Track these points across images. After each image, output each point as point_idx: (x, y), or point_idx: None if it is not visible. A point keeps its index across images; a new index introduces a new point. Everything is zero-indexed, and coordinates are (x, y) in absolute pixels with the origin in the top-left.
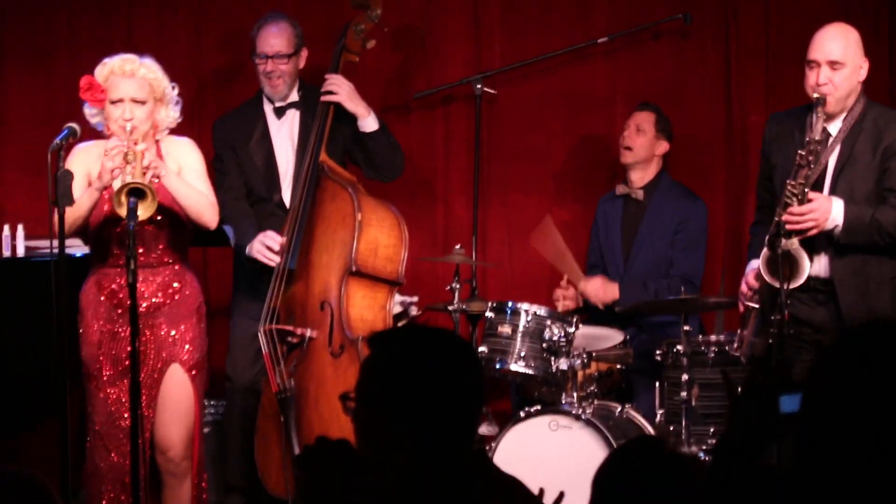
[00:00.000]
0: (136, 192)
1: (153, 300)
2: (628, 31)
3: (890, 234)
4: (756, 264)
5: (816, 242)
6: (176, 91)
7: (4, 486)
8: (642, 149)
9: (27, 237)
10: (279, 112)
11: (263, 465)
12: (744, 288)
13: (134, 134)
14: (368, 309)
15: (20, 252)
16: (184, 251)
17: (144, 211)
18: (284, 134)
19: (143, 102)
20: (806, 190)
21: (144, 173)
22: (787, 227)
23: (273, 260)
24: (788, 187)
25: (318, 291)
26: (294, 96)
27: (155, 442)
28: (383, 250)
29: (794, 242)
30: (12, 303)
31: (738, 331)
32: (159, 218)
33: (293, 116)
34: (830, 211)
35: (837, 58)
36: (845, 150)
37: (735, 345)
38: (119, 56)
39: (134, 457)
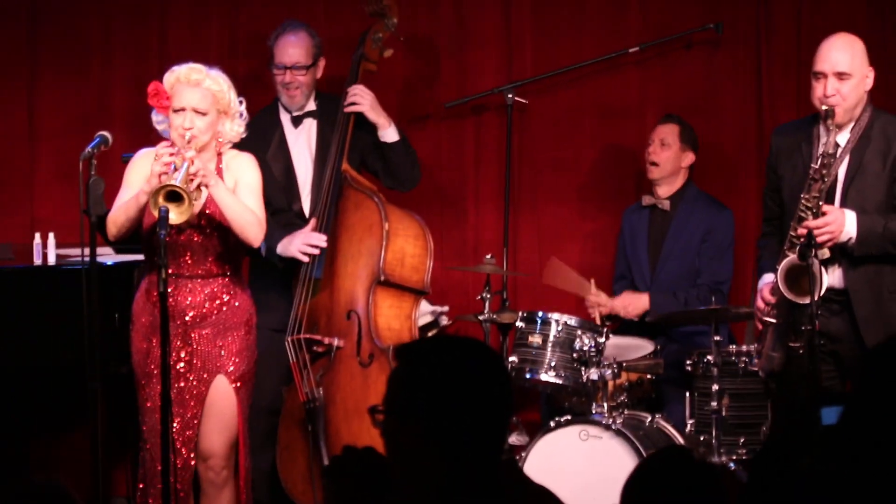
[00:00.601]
0: (173, 196)
1: (201, 310)
2: (660, 40)
3: None
4: (769, 278)
5: (830, 254)
6: (243, 106)
7: (31, 495)
8: (668, 163)
9: (58, 245)
10: (296, 121)
11: (288, 476)
12: (760, 304)
13: (192, 143)
14: (395, 318)
15: (51, 260)
16: (235, 263)
17: (179, 215)
18: (302, 143)
19: (204, 113)
20: (820, 203)
21: (191, 181)
22: (802, 240)
23: (315, 252)
24: (803, 201)
25: (343, 301)
26: (311, 105)
27: (198, 450)
28: (410, 260)
29: (826, 252)
30: (44, 311)
31: (755, 345)
32: (208, 230)
33: (310, 126)
34: (844, 223)
35: (845, 69)
36: (854, 161)
37: (754, 359)
38: (187, 65)
39: (165, 464)
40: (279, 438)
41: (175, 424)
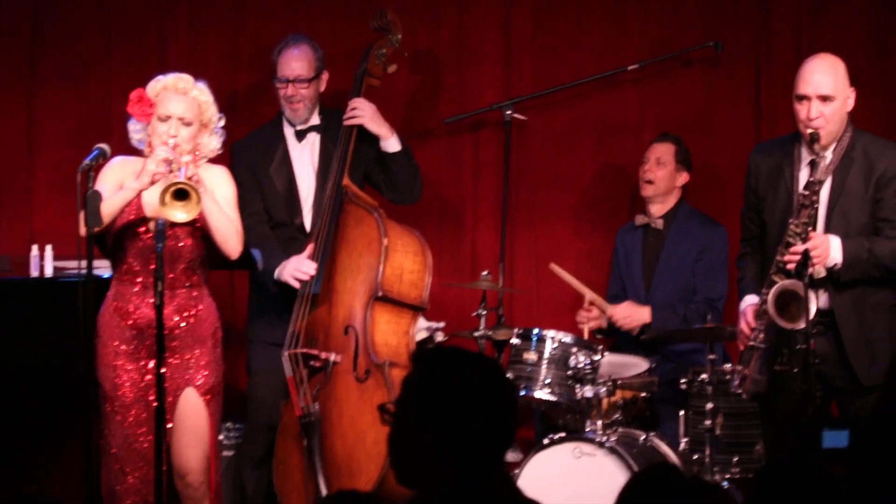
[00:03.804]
0: (180, 194)
1: (169, 322)
2: (659, 58)
3: (887, 267)
4: (752, 300)
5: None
6: (222, 122)
7: None
8: (663, 181)
9: (56, 257)
10: (300, 135)
11: (284, 490)
12: (744, 328)
13: (176, 151)
14: (393, 334)
15: (48, 272)
16: (204, 274)
17: (188, 213)
18: (305, 157)
19: (189, 123)
20: (809, 229)
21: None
22: (788, 266)
23: (306, 279)
24: (791, 227)
25: (342, 316)
26: (315, 119)
27: (173, 467)
28: (408, 276)
29: (822, 272)
30: (40, 323)
31: (739, 367)
32: (181, 240)
33: (314, 140)
34: (830, 249)
35: (828, 92)
36: (837, 183)
37: (736, 382)
38: (174, 74)
39: (158, 480)
40: (276, 452)
41: (144, 439)
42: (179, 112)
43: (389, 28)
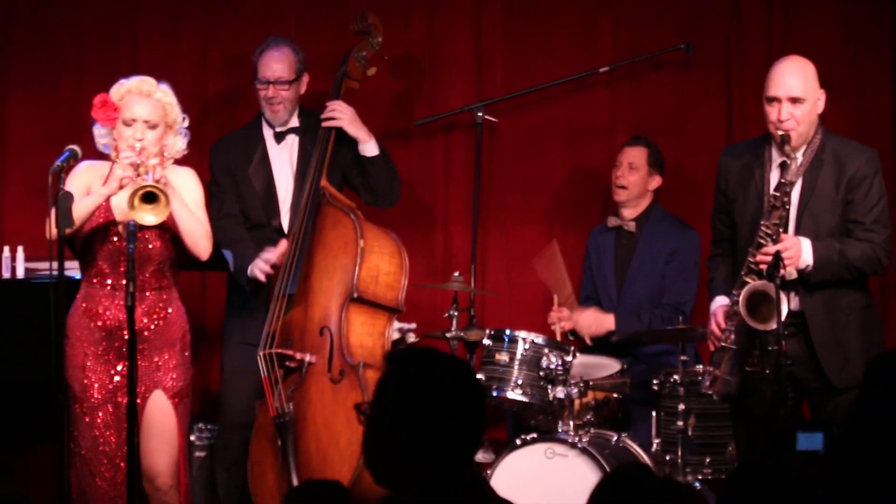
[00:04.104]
0: (148, 197)
1: (139, 325)
2: (630, 60)
3: (858, 269)
4: (722, 301)
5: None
6: (186, 123)
7: None
8: (636, 186)
9: (27, 259)
10: (279, 137)
11: (258, 491)
12: (715, 329)
13: (142, 154)
14: (368, 336)
15: (20, 274)
16: (174, 277)
17: (157, 216)
18: (284, 159)
19: (154, 126)
20: (780, 230)
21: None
22: (760, 267)
23: (269, 272)
24: (763, 228)
25: (317, 317)
26: (294, 121)
27: (142, 470)
28: (384, 277)
29: (793, 273)
30: (11, 324)
31: (709, 368)
32: (150, 242)
33: (293, 142)
34: (801, 251)
35: (798, 94)
36: (808, 185)
37: (707, 382)
38: (137, 77)
39: (131, 484)
40: (250, 453)
41: (112, 441)
42: (144, 115)
43: (370, 31)
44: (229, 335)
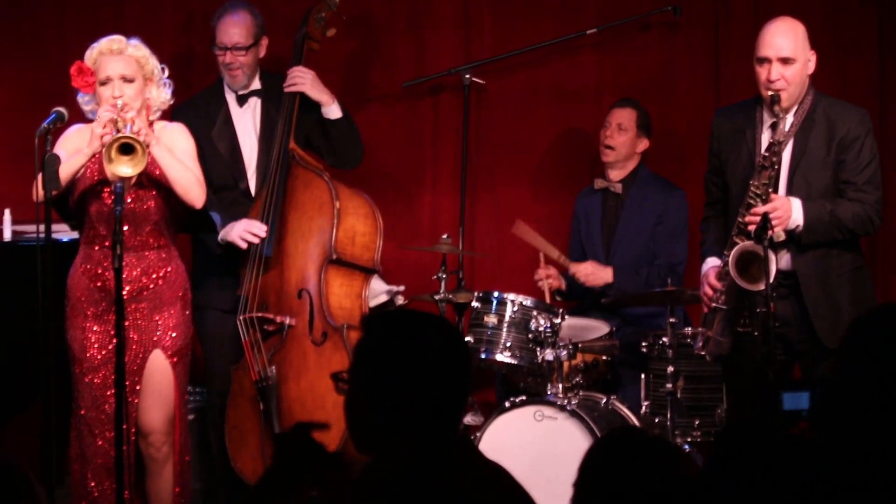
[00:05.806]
0: (126, 149)
1: (137, 285)
2: (617, 22)
3: (849, 230)
4: (714, 262)
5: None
6: (166, 73)
7: None
8: (624, 147)
9: (14, 222)
10: (241, 100)
11: (237, 456)
12: (708, 290)
13: (125, 110)
14: (346, 297)
15: (7, 236)
16: (172, 236)
17: (134, 167)
18: (247, 122)
19: (131, 80)
20: (770, 191)
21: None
22: (749, 227)
23: (254, 241)
24: (752, 188)
25: (294, 279)
26: (256, 84)
27: (138, 426)
28: (360, 238)
29: (782, 235)
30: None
31: (701, 329)
32: (144, 199)
33: (255, 104)
34: (791, 211)
35: (788, 54)
36: (799, 145)
37: (699, 344)
38: (106, 38)
39: (118, 441)
40: (227, 418)
41: (112, 401)
42: (119, 71)
43: None
44: (203, 302)
